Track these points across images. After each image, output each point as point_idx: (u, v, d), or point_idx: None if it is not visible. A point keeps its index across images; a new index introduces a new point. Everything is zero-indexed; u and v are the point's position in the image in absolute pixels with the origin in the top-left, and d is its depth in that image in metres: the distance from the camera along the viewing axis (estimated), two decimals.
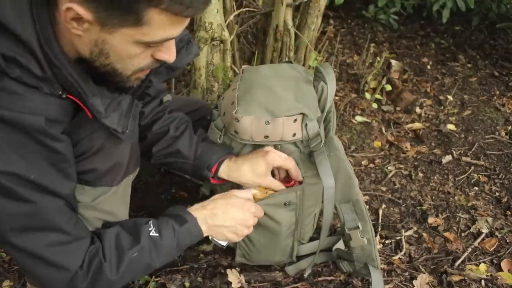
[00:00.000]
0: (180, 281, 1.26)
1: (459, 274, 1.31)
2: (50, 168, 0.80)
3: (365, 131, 2.08)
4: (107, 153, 0.90)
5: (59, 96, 0.79)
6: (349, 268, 1.29)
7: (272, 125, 1.06)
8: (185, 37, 1.03)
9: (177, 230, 0.97)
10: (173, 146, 1.14)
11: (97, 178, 0.91)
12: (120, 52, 0.77)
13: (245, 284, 1.27)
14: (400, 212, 1.60)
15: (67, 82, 0.78)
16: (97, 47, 0.76)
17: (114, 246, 0.91)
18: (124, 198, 1.03)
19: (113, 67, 0.80)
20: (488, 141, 2.02)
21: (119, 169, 0.94)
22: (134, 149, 0.98)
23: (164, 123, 1.16)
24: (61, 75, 0.77)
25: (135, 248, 0.92)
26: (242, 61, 2.02)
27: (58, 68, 0.76)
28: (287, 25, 1.74)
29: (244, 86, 1.17)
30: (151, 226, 0.95)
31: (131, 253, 0.91)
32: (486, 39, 3.16)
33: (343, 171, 1.12)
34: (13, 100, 0.74)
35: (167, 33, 0.76)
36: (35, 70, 0.74)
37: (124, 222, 0.99)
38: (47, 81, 0.76)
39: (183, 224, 0.98)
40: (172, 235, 0.96)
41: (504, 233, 1.49)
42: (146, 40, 0.75)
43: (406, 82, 2.54)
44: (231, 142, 1.16)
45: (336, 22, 3.34)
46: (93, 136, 0.88)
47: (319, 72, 1.20)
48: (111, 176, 0.93)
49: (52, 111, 0.79)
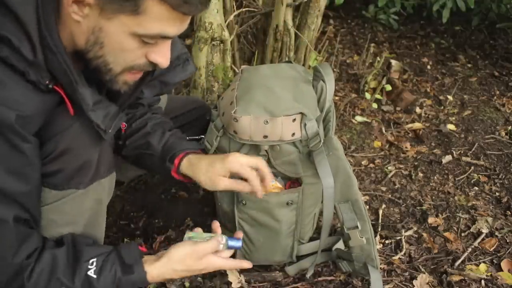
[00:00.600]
0: (180, 281, 1.26)
1: (459, 274, 1.31)
2: (6, 171, 0.77)
3: (365, 131, 2.08)
4: (74, 153, 0.86)
5: (45, 86, 0.77)
6: (348, 268, 1.29)
7: (271, 125, 1.06)
8: (183, 55, 1.04)
9: (118, 279, 0.89)
10: (144, 139, 1.12)
11: (64, 179, 0.87)
12: (115, 42, 0.77)
13: (245, 284, 1.27)
14: (400, 212, 1.60)
15: (59, 69, 0.77)
16: (93, 35, 0.76)
17: (46, 271, 0.85)
18: (91, 211, 0.95)
19: (105, 60, 0.80)
20: (488, 141, 2.02)
21: (87, 170, 0.89)
22: (105, 153, 0.93)
23: (143, 119, 1.15)
24: (55, 61, 0.76)
25: (66, 285, 0.85)
26: (242, 61, 2.02)
27: (54, 54, 0.75)
28: (287, 25, 1.74)
29: (243, 86, 1.18)
30: (93, 264, 0.88)
31: (59, 285, 0.85)
32: (486, 39, 3.15)
33: (342, 170, 1.12)
34: None
35: (162, 28, 0.76)
36: (26, 53, 0.73)
37: (73, 241, 0.91)
38: (36, 67, 0.75)
39: (128, 274, 0.90)
40: (112, 281, 0.89)
41: (504, 233, 1.49)
42: (141, 32, 0.75)
43: (406, 82, 2.54)
44: (230, 142, 1.16)
45: (336, 22, 3.34)
46: (63, 134, 0.84)
47: (318, 72, 1.20)
48: (78, 178, 0.88)
49: (29, 106, 0.76)
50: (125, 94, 0.94)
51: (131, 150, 1.14)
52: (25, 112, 0.76)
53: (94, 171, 0.91)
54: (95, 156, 0.90)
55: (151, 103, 1.23)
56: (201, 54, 1.55)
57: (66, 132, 0.84)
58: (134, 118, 1.15)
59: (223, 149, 1.17)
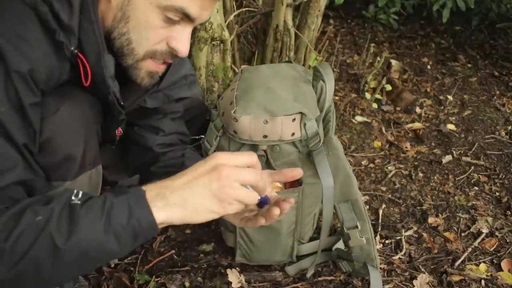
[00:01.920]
0: (180, 281, 1.26)
1: (459, 274, 1.31)
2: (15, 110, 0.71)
3: (365, 131, 2.08)
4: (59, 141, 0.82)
5: (70, 51, 0.78)
6: (348, 268, 1.29)
7: (270, 125, 1.07)
8: (191, 77, 1.08)
9: (110, 203, 0.66)
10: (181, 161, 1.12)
11: (50, 170, 0.83)
12: (140, 15, 0.79)
13: (245, 284, 1.27)
14: (400, 212, 1.60)
15: (90, 38, 0.79)
16: (121, 10, 0.79)
17: (21, 206, 0.66)
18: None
19: (129, 38, 0.81)
20: (488, 141, 2.02)
21: (73, 160, 0.86)
22: (90, 144, 0.90)
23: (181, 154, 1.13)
24: (89, 30, 0.78)
25: (41, 210, 0.65)
26: (242, 61, 2.02)
27: (91, 23, 0.77)
28: (287, 25, 1.74)
29: (243, 86, 1.18)
30: (77, 195, 0.68)
31: (33, 215, 0.64)
32: (486, 39, 3.15)
33: (342, 170, 1.12)
34: (20, 42, 0.72)
35: (186, 2, 0.78)
36: (63, 17, 0.75)
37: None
38: (68, 31, 0.77)
39: (121, 194, 0.67)
40: (100, 206, 0.66)
41: (504, 233, 1.49)
42: (166, 3, 0.77)
43: (406, 82, 2.54)
44: (230, 142, 1.16)
45: (336, 22, 3.34)
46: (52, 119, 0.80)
47: (318, 72, 1.20)
48: (63, 169, 0.85)
49: (44, 67, 0.76)
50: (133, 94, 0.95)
51: (159, 168, 1.13)
52: (39, 70, 0.75)
53: (80, 162, 0.88)
54: (81, 147, 0.87)
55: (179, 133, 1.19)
56: (201, 54, 1.55)
57: (55, 116, 0.81)
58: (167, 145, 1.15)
59: (223, 149, 1.17)
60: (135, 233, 0.66)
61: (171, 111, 1.13)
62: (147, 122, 1.12)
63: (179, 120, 1.18)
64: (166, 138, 1.15)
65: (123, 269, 1.30)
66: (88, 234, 0.64)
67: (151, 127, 1.13)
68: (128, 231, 0.66)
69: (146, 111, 1.08)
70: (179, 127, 1.17)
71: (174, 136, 1.16)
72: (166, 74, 0.99)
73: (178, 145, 1.17)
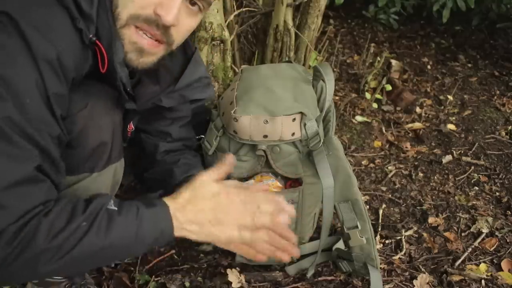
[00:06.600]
0: (180, 281, 1.26)
1: (459, 274, 1.31)
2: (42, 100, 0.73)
3: (365, 131, 2.07)
4: (92, 131, 0.85)
5: (89, 38, 0.80)
6: (348, 268, 1.29)
7: (270, 124, 1.07)
8: (205, 79, 1.11)
9: (141, 211, 0.75)
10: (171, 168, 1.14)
11: (80, 162, 0.86)
12: None
13: (245, 284, 1.27)
14: (400, 212, 1.60)
15: (105, 25, 0.81)
16: None
17: (68, 208, 0.72)
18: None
19: (116, 2, 0.83)
20: (488, 141, 2.02)
21: (102, 151, 0.89)
22: (116, 135, 0.93)
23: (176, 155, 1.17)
24: (104, 18, 0.81)
25: (84, 215, 0.71)
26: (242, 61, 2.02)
27: (105, 9, 0.81)
28: (287, 25, 1.74)
29: (243, 86, 1.18)
30: (109, 199, 0.76)
31: (80, 220, 0.70)
32: (486, 39, 3.15)
33: (342, 170, 1.12)
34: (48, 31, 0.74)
35: None
36: (84, 5, 0.78)
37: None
38: (88, 19, 0.80)
39: (151, 207, 0.77)
40: (134, 215, 0.75)
41: (504, 233, 1.49)
42: None
43: (406, 82, 2.54)
44: (230, 142, 1.16)
45: (336, 22, 3.34)
46: (82, 113, 0.84)
47: (318, 72, 1.20)
48: (94, 159, 0.88)
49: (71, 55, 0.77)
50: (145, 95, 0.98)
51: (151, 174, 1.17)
52: (67, 57, 0.76)
53: (109, 154, 0.91)
54: (110, 137, 0.91)
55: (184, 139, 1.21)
56: (201, 54, 1.55)
57: (85, 110, 0.85)
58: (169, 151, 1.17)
59: (223, 149, 1.17)
60: (155, 241, 0.78)
61: (180, 116, 1.14)
62: (155, 127, 1.14)
63: (188, 126, 1.19)
64: (172, 144, 1.17)
65: (123, 269, 1.30)
66: (121, 239, 0.74)
67: (160, 132, 1.14)
68: (152, 239, 0.77)
69: (158, 112, 1.09)
70: (186, 133, 1.19)
71: (180, 142, 1.18)
72: (182, 76, 1.03)
73: (179, 151, 1.18)
